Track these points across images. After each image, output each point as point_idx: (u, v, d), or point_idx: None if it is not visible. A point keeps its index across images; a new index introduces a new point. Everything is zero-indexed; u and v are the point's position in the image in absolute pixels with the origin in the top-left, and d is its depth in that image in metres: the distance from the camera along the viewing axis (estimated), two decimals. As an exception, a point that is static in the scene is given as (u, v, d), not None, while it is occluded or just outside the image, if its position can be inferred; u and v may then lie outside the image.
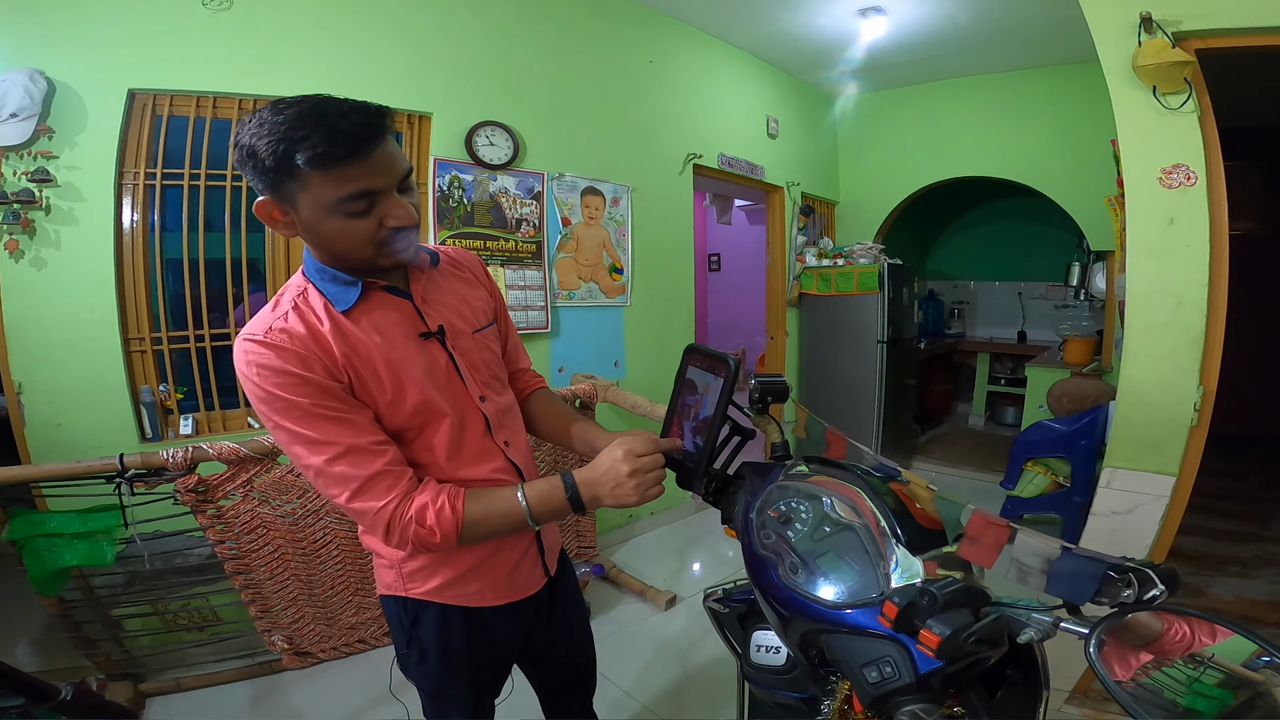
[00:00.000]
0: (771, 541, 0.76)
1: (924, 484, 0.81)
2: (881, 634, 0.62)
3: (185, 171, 2.05)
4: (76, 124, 1.85)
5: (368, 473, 0.78)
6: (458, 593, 0.96)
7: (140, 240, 2.00)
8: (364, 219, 0.74)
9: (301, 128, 0.68)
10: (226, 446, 1.68)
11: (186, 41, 1.96)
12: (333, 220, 0.74)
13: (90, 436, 1.91)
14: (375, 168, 0.72)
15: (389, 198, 0.75)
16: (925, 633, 0.57)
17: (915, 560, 0.67)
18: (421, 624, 0.97)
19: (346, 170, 0.70)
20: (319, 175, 0.70)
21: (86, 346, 1.90)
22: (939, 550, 0.70)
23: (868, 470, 0.81)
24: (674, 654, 2.21)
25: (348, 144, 0.69)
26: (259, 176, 0.72)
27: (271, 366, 0.75)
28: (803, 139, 4.26)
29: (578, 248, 2.91)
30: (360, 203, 0.73)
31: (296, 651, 2.01)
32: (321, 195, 0.71)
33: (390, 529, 0.79)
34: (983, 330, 5.46)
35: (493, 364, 0.99)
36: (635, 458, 0.80)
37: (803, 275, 4.11)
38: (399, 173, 0.76)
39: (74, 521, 1.66)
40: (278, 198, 0.74)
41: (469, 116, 2.51)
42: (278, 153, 0.68)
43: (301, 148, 0.67)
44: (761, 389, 0.92)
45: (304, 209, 0.73)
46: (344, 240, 0.76)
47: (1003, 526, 0.66)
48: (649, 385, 3.14)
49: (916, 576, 0.66)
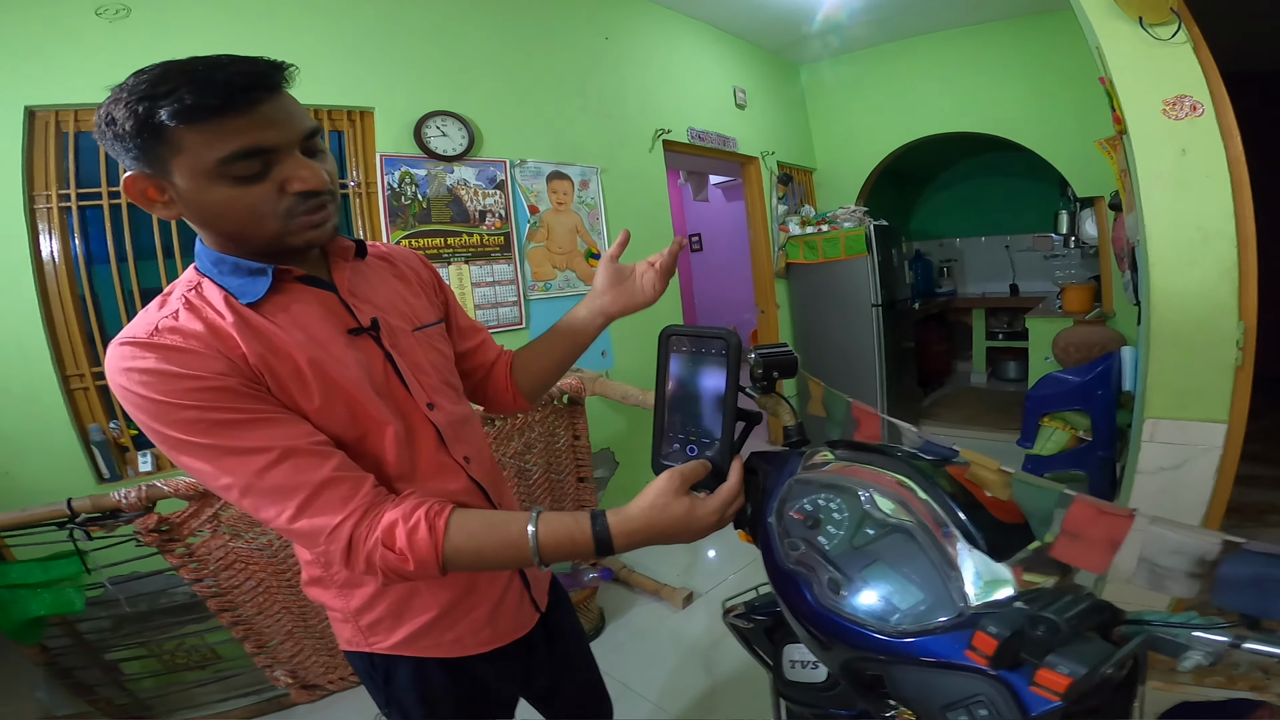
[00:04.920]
0: (800, 552, 0.62)
1: (993, 465, 0.68)
2: (968, 667, 0.48)
3: (104, 190, 1.90)
4: None
5: (315, 479, 0.62)
6: (431, 643, 0.82)
7: (64, 268, 1.85)
8: (258, 184, 0.61)
9: (165, 83, 0.56)
10: (183, 482, 1.56)
11: (85, 54, 1.82)
12: (217, 189, 0.60)
13: (43, 481, 1.78)
14: (265, 121, 0.60)
15: (290, 157, 0.62)
16: (1048, 674, 0.44)
17: (1000, 567, 0.54)
18: (395, 682, 0.84)
19: (225, 124, 0.58)
20: (191, 134, 0.57)
21: (20, 389, 1.77)
22: (1027, 550, 0.56)
23: (913, 453, 0.68)
24: (699, 655, 2.09)
25: (222, 94, 0.57)
26: (121, 146, 0.59)
27: (159, 370, 0.59)
28: (772, 108, 4.20)
29: (549, 235, 2.78)
30: (249, 163, 0.60)
31: (303, 685, 1.91)
32: (199, 158, 0.58)
33: (352, 552, 0.63)
34: (974, 286, 5.43)
35: (441, 367, 0.85)
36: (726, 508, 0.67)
37: (788, 245, 4.04)
38: (299, 130, 0.63)
39: (35, 571, 1.59)
40: (149, 170, 0.60)
41: (415, 108, 2.37)
42: (138, 113, 0.56)
43: (165, 102, 0.55)
44: (765, 363, 0.78)
45: (181, 179, 0.60)
46: (236, 213, 0.62)
47: (1121, 516, 0.52)
48: (639, 373, 3.03)
49: (1005, 587, 0.53)
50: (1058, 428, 2.93)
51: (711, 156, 3.80)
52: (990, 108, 3.87)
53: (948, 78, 3.99)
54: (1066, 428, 2.91)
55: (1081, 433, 2.86)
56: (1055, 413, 2.94)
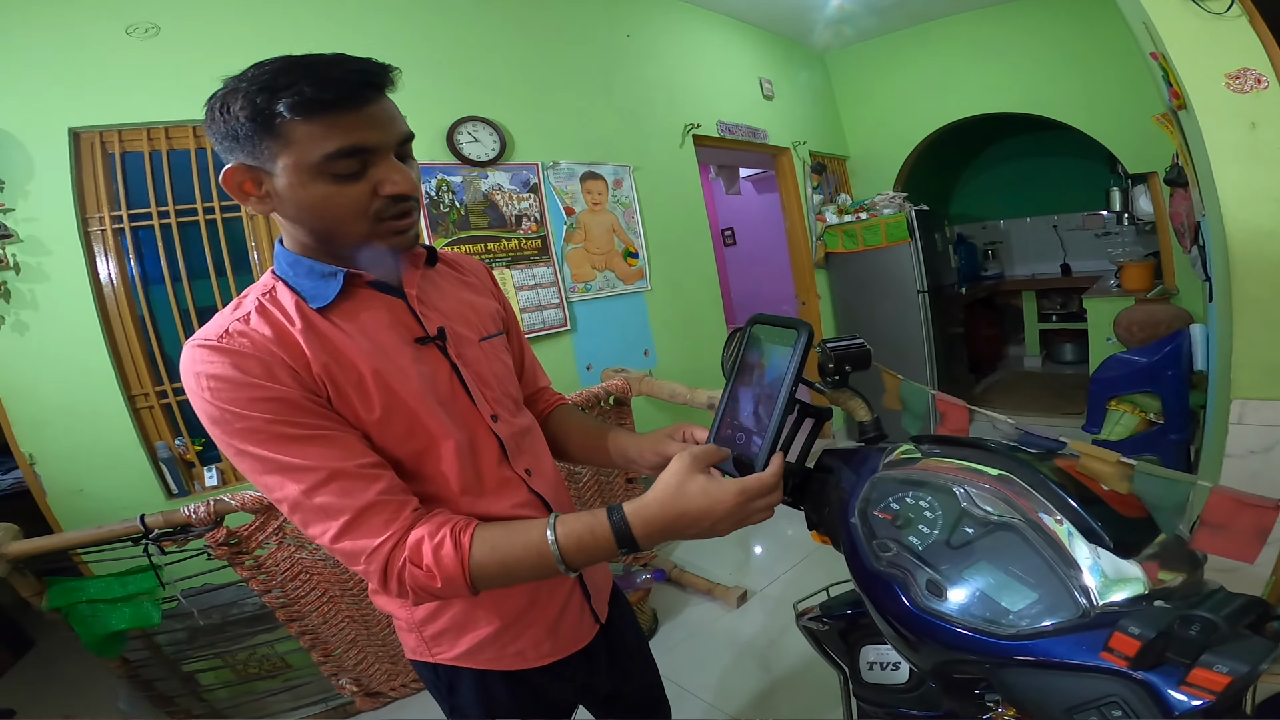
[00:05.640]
0: (891, 553, 0.59)
1: (1111, 458, 0.63)
2: (1098, 668, 0.46)
3: (153, 210, 1.95)
4: (23, 171, 1.76)
5: (358, 503, 0.62)
6: (493, 655, 0.81)
7: (122, 289, 1.90)
8: (355, 183, 0.62)
9: (286, 75, 0.58)
10: (249, 496, 1.60)
11: (119, 73, 1.86)
12: (317, 185, 0.61)
13: (116, 498, 1.84)
14: (371, 121, 0.61)
15: (386, 160, 0.63)
16: (1204, 673, 0.42)
17: (1127, 564, 0.51)
18: (459, 693, 0.84)
19: (337, 120, 0.59)
20: (304, 127, 0.58)
21: (87, 409, 1.82)
22: (1155, 545, 0.52)
23: (1013, 446, 0.64)
24: (754, 655, 2.04)
25: (339, 89, 0.58)
26: (230, 136, 0.60)
27: (226, 378, 0.60)
28: (800, 97, 4.16)
29: (586, 236, 2.77)
30: (351, 162, 0.61)
31: (367, 693, 1.94)
32: (305, 153, 0.59)
33: (388, 574, 0.63)
34: (1022, 268, 5.25)
35: (505, 379, 0.84)
36: (751, 498, 0.63)
37: (826, 235, 3.98)
38: (398, 134, 0.64)
39: (114, 586, 1.62)
40: (251, 162, 0.61)
41: (446, 115, 2.38)
42: (255, 103, 0.57)
43: (285, 94, 0.57)
44: (837, 356, 0.75)
45: (282, 175, 0.60)
46: (330, 211, 0.63)
47: (1267, 507, 0.50)
48: (684, 371, 3.00)
49: (1135, 585, 0.50)
50: (1126, 411, 2.80)
51: (742, 149, 3.76)
52: (1029, 87, 3.78)
53: (982, 58, 3.91)
54: (1136, 411, 2.78)
55: (1152, 415, 2.73)
56: (1123, 396, 2.82)
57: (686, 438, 0.80)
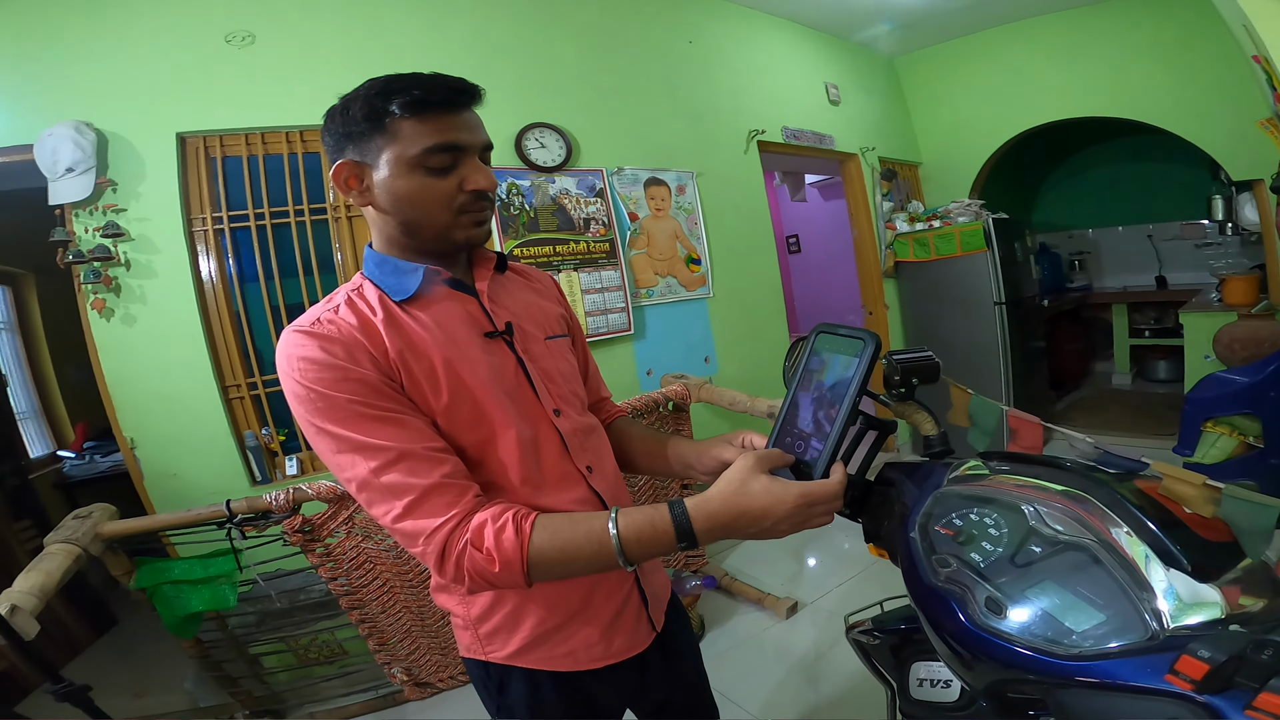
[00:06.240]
0: (950, 569, 0.59)
1: (1196, 480, 0.63)
2: (1162, 691, 0.45)
3: (250, 212, 2.08)
4: (135, 174, 1.90)
5: (425, 483, 0.65)
6: (544, 655, 0.82)
7: (220, 286, 2.04)
8: (445, 177, 0.71)
9: (400, 82, 0.69)
10: (324, 485, 1.66)
11: (219, 81, 2.00)
12: (413, 176, 0.70)
13: (205, 483, 1.97)
14: (463, 125, 0.72)
15: (471, 160, 0.73)
16: (1272, 697, 0.40)
17: (1205, 588, 0.50)
18: (508, 692, 0.84)
19: (440, 120, 0.69)
20: (410, 124, 0.68)
21: (186, 398, 1.96)
22: (1238, 570, 0.51)
23: (1091, 465, 0.63)
24: (803, 668, 2.00)
25: (446, 93, 0.70)
26: (345, 136, 0.71)
27: (315, 359, 0.66)
28: (869, 102, 4.06)
29: (649, 242, 2.77)
30: (444, 157, 0.70)
31: (416, 682, 1.98)
32: (408, 146, 0.69)
33: (445, 555, 0.65)
34: (1112, 280, 4.91)
35: (570, 377, 0.87)
36: (812, 503, 0.64)
37: (896, 243, 3.85)
38: (482, 140, 0.74)
39: (196, 568, 1.69)
40: (358, 158, 0.71)
41: (514, 121, 2.46)
42: (373, 104, 0.68)
43: (399, 96, 0.68)
44: (904, 369, 0.75)
45: (384, 168, 0.70)
46: (421, 199, 0.71)
47: None
48: (744, 379, 2.95)
49: (1212, 609, 0.49)
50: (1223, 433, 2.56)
51: (808, 155, 3.70)
52: (1121, 90, 3.60)
53: (1068, 60, 3.74)
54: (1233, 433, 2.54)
55: (1251, 439, 2.49)
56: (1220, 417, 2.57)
57: (745, 444, 0.81)
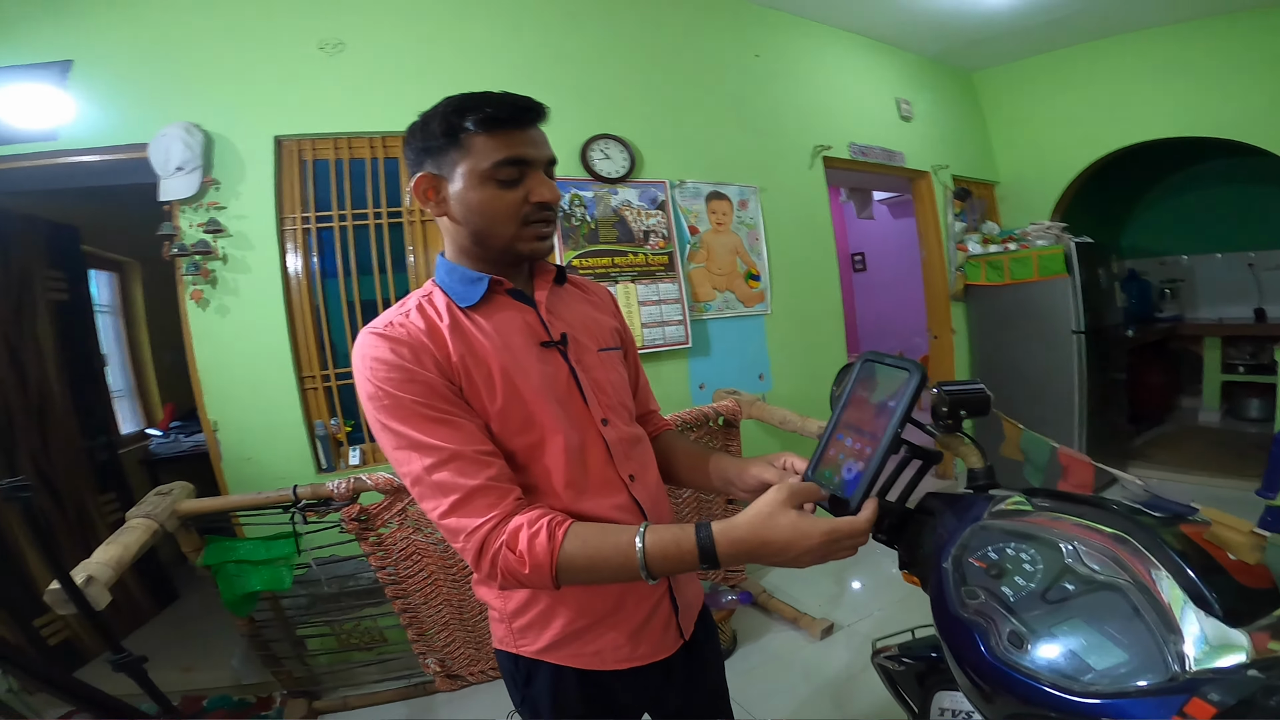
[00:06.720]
0: (978, 601, 0.59)
1: (1244, 527, 0.61)
2: None
3: (334, 213, 2.21)
4: (236, 174, 2.05)
5: (471, 484, 0.70)
6: (573, 652, 0.85)
7: (304, 282, 2.17)
8: (513, 190, 0.76)
9: (473, 100, 0.75)
10: (383, 477, 1.74)
11: (313, 87, 2.13)
12: (485, 188, 0.76)
13: (276, 468, 2.09)
14: (530, 140, 0.77)
15: (537, 174, 0.77)
16: None
17: (1235, 633, 0.49)
18: (534, 684, 0.88)
19: (509, 136, 0.75)
20: (482, 139, 0.74)
21: (267, 386, 2.09)
22: (1273, 616, 0.50)
23: (1137, 508, 0.62)
24: (831, 690, 1.96)
25: (514, 110, 0.75)
26: (424, 150, 0.77)
27: (385, 360, 0.72)
28: (943, 119, 3.92)
29: (709, 256, 2.77)
30: (512, 170, 0.75)
31: (448, 674, 2.03)
32: (480, 160, 0.74)
33: (482, 553, 0.69)
34: (1206, 311, 4.55)
35: (619, 388, 0.92)
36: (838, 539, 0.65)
37: (966, 265, 3.69)
38: (548, 155, 0.79)
39: (259, 549, 1.78)
40: (435, 171, 0.77)
41: (580, 132, 2.51)
42: (450, 120, 0.74)
43: (473, 113, 0.74)
44: (952, 401, 0.74)
45: (459, 180, 0.76)
46: (490, 210, 0.76)
47: None
48: (798, 398, 2.89)
49: (1236, 654, 0.48)
50: (1314, 478, 2.31)
51: (876, 172, 3.60)
52: (1221, 109, 3.38)
53: (1163, 78, 3.54)
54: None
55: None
56: (1312, 459, 2.33)
57: (787, 466, 0.83)
